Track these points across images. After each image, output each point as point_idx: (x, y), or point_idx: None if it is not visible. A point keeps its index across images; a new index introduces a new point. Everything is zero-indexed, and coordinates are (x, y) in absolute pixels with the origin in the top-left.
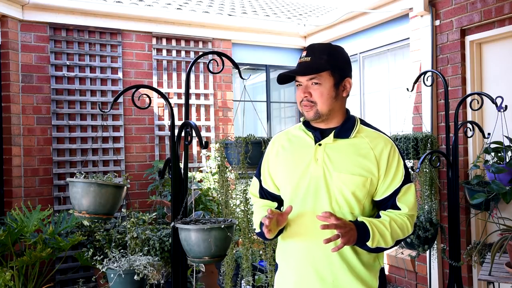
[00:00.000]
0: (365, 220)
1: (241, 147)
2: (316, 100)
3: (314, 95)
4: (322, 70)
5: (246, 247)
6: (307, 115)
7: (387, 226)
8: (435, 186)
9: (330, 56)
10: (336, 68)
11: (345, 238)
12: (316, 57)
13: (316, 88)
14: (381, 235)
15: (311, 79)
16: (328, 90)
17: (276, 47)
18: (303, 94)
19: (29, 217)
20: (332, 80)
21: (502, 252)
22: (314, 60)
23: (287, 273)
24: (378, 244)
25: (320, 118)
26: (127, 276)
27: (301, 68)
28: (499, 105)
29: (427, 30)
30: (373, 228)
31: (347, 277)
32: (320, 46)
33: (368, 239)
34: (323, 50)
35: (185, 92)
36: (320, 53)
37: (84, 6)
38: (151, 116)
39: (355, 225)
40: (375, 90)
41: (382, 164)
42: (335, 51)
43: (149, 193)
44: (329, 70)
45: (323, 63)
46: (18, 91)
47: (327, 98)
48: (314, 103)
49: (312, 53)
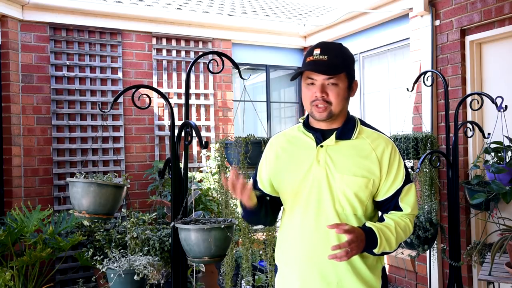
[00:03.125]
0: (373, 227)
1: (241, 147)
2: (332, 100)
3: (331, 96)
4: (341, 71)
5: (246, 247)
6: (319, 116)
7: (393, 231)
8: (435, 186)
9: (345, 57)
10: (350, 70)
11: (354, 251)
12: (333, 57)
13: (333, 88)
14: (387, 241)
15: (328, 78)
16: (344, 91)
17: (276, 47)
18: (320, 94)
19: (29, 217)
20: (347, 81)
21: (502, 252)
22: (332, 60)
23: (290, 276)
24: (384, 250)
25: (331, 118)
26: (127, 276)
27: (321, 67)
28: (499, 105)
29: (427, 30)
30: (380, 235)
31: (352, 279)
32: (334, 46)
33: (376, 247)
34: (338, 51)
35: (185, 92)
36: (337, 52)
37: (84, 6)
38: (151, 116)
39: (364, 232)
40: (375, 90)
41: (383, 165)
42: (347, 53)
43: (149, 193)
44: (345, 71)
45: (341, 64)
46: (18, 91)
47: (342, 99)
48: (329, 103)
49: (327, 51)
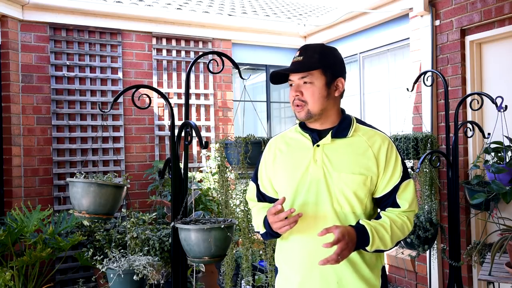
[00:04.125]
0: (366, 224)
1: (241, 147)
2: (307, 99)
3: (305, 94)
4: (313, 68)
5: (246, 247)
6: (298, 115)
7: (388, 229)
8: (435, 186)
9: (322, 55)
10: (328, 67)
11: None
12: (308, 56)
13: (308, 87)
14: (380, 239)
15: (302, 77)
16: (320, 89)
17: (276, 47)
18: (294, 93)
19: (29, 217)
20: (323, 79)
21: (502, 252)
22: (306, 59)
23: (291, 276)
24: (377, 248)
25: (311, 118)
26: (127, 276)
27: (292, 66)
28: (499, 105)
29: (427, 30)
30: (373, 233)
31: (352, 278)
32: (313, 46)
33: (368, 244)
34: (315, 49)
35: (185, 92)
36: (312, 52)
37: (84, 6)
38: (151, 116)
39: (355, 229)
40: (375, 90)
41: (380, 161)
42: (327, 51)
43: (149, 193)
44: (320, 69)
45: (314, 61)
46: (18, 91)
47: (319, 97)
48: (305, 102)
49: (304, 52)
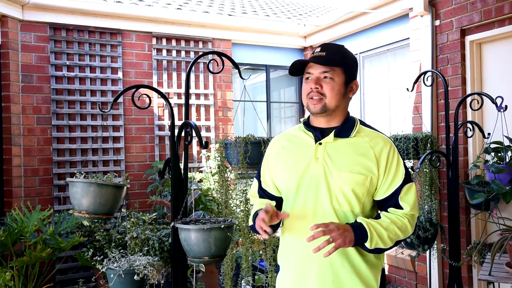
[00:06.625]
0: (363, 221)
1: (240, 147)
2: (326, 93)
3: (325, 88)
4: (337, 65)
5: (246, 247)
6: (313, 108)
7: (386, 227)
8: (435, 186)
9: (343, 55)
10: (348, 67)
11: (339, 241)
12: (331, 53)
13: (328, 81)
14: (379, 236)
15: (324, 72)
16: (339, 86)
17: (276, 47)
18: (314, 85)
19: (29, 217)
20: (343, 77)
21: (502, 252)
22: (329, 55)
23: (289, 273)
24: (377, 245)
25: (326, 112)
26: (127, 276)
27: (316, 59)
28: (499, 105)
29: (427, 30)
30: (370, 229)
31: (349, 277)
32: (335, 45)
33: (366, 240)
34: (338, 48)
35: (185, 92)
36: (335, 50)
37: (84, 6)
38: (151, 116)
39: (351, 226)
40: (375, 90)
41: (381, 163)
42: (347, 52)
43: (149, 193)
44: (342, 67)
45: (337, 59)
46: (18, 91)
47: (337, 93)
48: (323, 95)
49: (327, 49)
